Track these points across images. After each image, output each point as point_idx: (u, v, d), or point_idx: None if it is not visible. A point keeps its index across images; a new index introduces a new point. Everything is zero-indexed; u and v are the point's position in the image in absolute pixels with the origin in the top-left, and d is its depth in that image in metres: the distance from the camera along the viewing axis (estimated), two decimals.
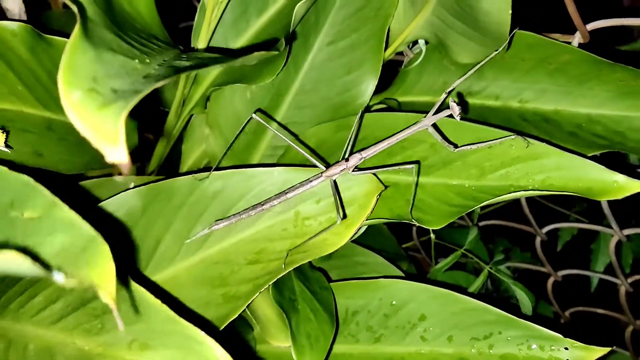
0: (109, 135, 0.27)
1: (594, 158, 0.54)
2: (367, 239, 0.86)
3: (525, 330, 0.51)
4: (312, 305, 0.52)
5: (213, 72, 0.60)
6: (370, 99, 0.72)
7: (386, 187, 0.53)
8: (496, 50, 0.55)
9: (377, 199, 0.51)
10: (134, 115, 0.66)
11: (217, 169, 0.53)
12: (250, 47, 0.59)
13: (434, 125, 0.54)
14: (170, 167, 0.73)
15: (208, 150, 0.66)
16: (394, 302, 0.57)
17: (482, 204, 0.48)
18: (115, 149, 0.27)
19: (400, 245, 0.93)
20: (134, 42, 0.36)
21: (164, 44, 0.44)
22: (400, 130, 0.54)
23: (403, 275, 0.73)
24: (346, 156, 0.55)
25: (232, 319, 0.47)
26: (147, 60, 0.33)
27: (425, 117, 0.54)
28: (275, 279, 0.48)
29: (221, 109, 0.65)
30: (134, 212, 0.49)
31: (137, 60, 0.32)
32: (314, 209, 0.52)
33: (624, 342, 0.90)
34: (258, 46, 0.58)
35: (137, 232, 0.49)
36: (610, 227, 0.75)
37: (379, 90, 0.72)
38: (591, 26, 0.59)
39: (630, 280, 0.82)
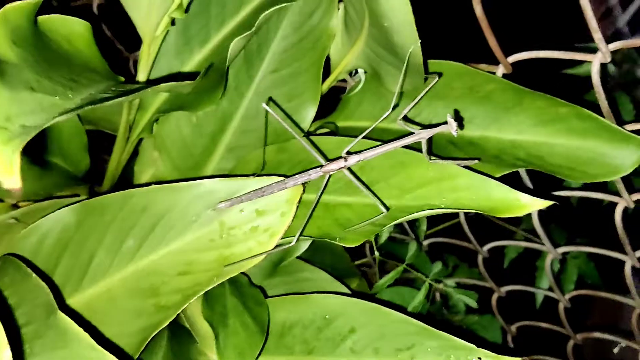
0: (5, 167, 0.30)
1: (506, 177, 0.58)
2: (319, 257, 0.90)
3: (443, 341, 0.55)
4: (243, 320, 0.56)
5: (157, 100, 0.64)
6: (315, 123, 0.76)
7: (304, 190, 0.56)
8: (435, 80, 0.60)
9: (298, 206, 0.55)
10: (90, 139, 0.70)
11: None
12: (191, 75, 0.63)
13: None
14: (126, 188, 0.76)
15: (157, 174, 0.70)
16: (326, 316, 0.61)
17: (396, 222, 0.52)
18: (10, 178, 0.30)
19: (355, 261, 0.97)
20: (62, 78, 0.40)
21: (100, 77, 0.48)
22: (398, 139, 0.57)
23: (348, 291, 0.76)
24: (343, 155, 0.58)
25: (162, 327, 0.50)
26: (70, 95, 0.36)
27: (422, 129, 0.57)
28: (205, 291, 0.52)
29: (168, 134, 0.68)
30: (69, 228, 0.53)
31: (57, 97, 0.36)
32: (238, 218, 0.55)
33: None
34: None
35: (72, 247, 0.53)
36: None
37: (325, 114, 0.76)
38: (512, 58, 0.64)
39: (569, 295, 0.86)
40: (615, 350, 0.87)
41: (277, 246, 0.54)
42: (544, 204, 0.50)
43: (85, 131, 0.68)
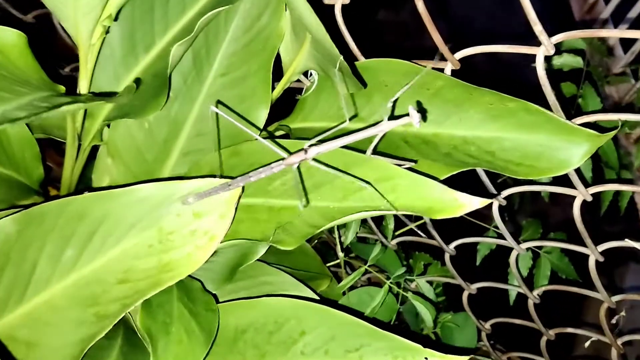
0: None
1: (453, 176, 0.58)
2: (289, 259, 0.90)
3: (390, 342, 0.54)
4: (189, 327, 0.55)
5: (105, 108, 0.64)
6: (273, 125, 0.76)
7: (242, 190, 0.56)
8: (407, 85, 0.59)
9: (237, 207, 0.54)
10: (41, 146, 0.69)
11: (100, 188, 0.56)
12: (136, 81, 0.62)
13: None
14: None
15: (112, 181, 0.69)
16: (278, 320, 0.60)
17: (333, 224, 0.52)
18: None
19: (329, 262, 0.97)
20: None
21: (32, 89, 0.48)
22: (359, 130, 0.56)
23: (312, 293, 0.75)
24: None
25: (100, 336, 0.50)
26: None
27: (383, 121, 0.56)
28: (144, 299, 0.51)
29: (121, 140, 0.68)
30: (10, 238, 0.53)
31: None
32: (176, 223, 0.54)
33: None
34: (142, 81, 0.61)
35: (15, 257, 0.52)
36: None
37: (283, 116, 0.76)
38: (459, 55, 0.63)
39: (537, 292, 0.85)
40: (586, 344, 0.87)
41: None
42: (481, 202, 0.50)
43: (37, 140, 0.67)
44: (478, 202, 0.50)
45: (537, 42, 0.57)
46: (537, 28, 0.55)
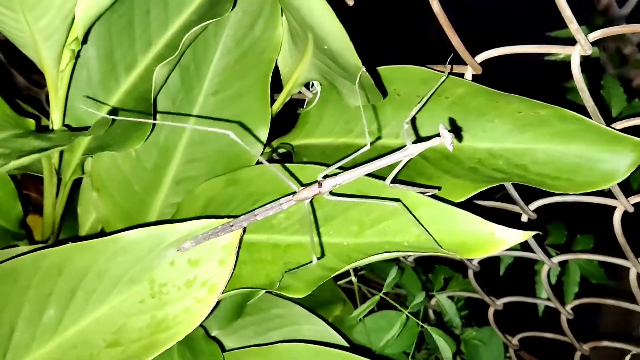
0: None
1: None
2: None
3: None
4: None
5: (85, 141, 0.57)
6: (274, 142, 0.69)
7: (244, 231, 0.49)
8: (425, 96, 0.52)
9: (238, 251, 0.48)
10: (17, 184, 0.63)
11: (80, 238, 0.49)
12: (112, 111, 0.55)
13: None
14: (73, 233, 0.69)
15: (99, 216, 0.62)
16: None
17: (352, 265, 0.45)
18: None
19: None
20: None
21: None
22: (382, 156, 0.49)
23: (325, 326, 0.69)
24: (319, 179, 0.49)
25: None
26: None
27: (411, 144, 0.49)
28: None
29: (106, 172, 0.61)
30: None
31: None
32: (170, 273, 0.47)
33: None
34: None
35: None
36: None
37: (283, 132, 0.69)
38: (480, 57, 0.56)
39: (570, 306, 0.78)
40: (627, 359, 0.80)
41: None
42: (523, 236, 0.42)
43: (13, 177, 0.61)
44: (519, 236, 0.42)
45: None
46: (573, 26, 0.48)
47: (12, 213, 0.62)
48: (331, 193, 0.49)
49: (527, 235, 0.42)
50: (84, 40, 0.50)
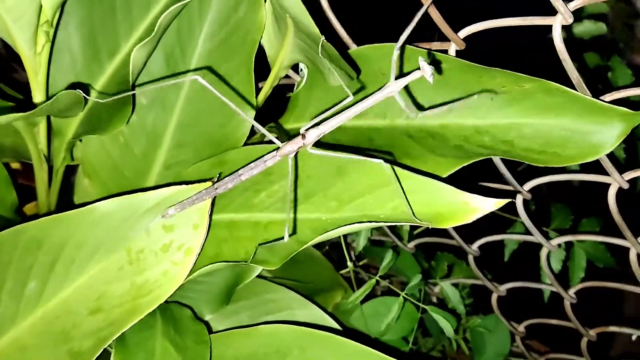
0: None
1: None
2: (300, 269, 0.83)
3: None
4: None
5: (72, 125, 0.57)
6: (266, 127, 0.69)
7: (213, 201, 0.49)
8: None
9: (211, 214, 0.48)
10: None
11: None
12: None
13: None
14: None
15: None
16: (280, 349, 0.53)
17: (325, 237, 0.44)
18: None
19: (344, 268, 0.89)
20: None
21: None
22: (364, 98, 0.48)
23: (319, 311, 0.68)
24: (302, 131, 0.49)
25: None
26: None
27: (391, 81, 0.47)
28: (122, 330, 0.45)
29: (96, 158, 0.62)
30: None
31: None
32: (145, 240, 0.48)
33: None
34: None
35: None
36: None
37: (277, 117, 0.69)
38: (463, 33, 0.55)
39: (573, 290, 0.77)
40: (633, 337, 0.78)
41: None
42: (497, 204, 0.42)
43: (7, 164, 0.62)
44: (492, 204, 0.42)
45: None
46: None
47: (6, 200, 0.63)
48: (315, 147, 0.48)
49: (500, 203, 0.42)
50: (65, 26, 0.51)
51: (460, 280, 0.88)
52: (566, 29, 0.81)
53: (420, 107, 0.58)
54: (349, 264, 0.75)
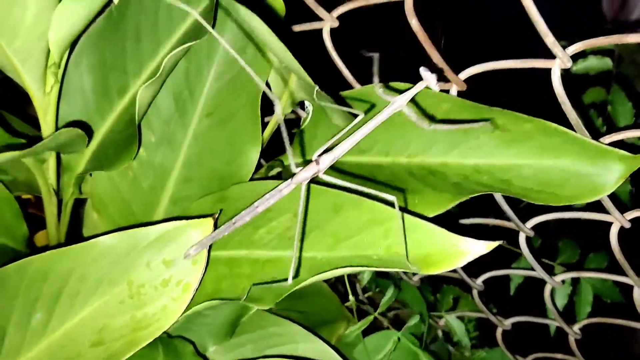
0: None
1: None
2: (305, 302, 0.83)
3: None
4: None
5: (81, 161, 0.59)
6: (272, 162, 0.71)
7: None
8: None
9: (209, 251, 0.49)
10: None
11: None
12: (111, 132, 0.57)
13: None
14: None
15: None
16: None
17: (319, 278, 0.45)
18: None
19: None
20: None
21: None
22: (373, 118, 0.49)
23: (324, 345, 0.69)
24: (315, 158, 0.50)
25: None
26: None
27: (396, 98, 0.48)
28: None
29: (105, 192, 0.63)
30: None
31: None
32: (147, 274, 0.49)
33: None
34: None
35: None
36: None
37: (282, 152, 0.70)
38: (464, 74, 0.57)
39: (577, 326, 0.77)
40: None
41: None
42: (488, 247, 0.42)
43: (19, 198, 0.63)
44: (483, 247, 0.42)
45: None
46: (549, 39, 0.48)
47: (18, 233, 0.64)
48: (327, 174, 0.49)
49: (491, 246, 0.42)
50: (78, 65, 0.53)
51: (465, 314, 0.88)
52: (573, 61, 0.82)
53: (423, 148, 0.59)
54: (351, 298, 0.75)
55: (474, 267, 0.83)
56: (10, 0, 0.42)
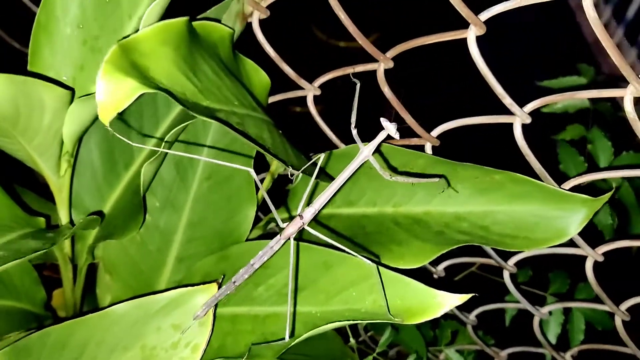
0: None
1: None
2: (308, 345, 0.87)
3: None
4: None
5: (92, 233, 0.65)
6: (268, 216, 0.76)
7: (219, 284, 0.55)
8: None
9: (215, 312, 0.54)
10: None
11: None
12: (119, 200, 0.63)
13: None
14: None
15: (114, 296, 0.70)
16: None
17: (314, 332, 0.50)
18: None
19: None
20: None
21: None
22: (345, 169, 0.55)
23: None
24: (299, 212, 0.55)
25: None
26: None
27: (362, 148, 0.54)
28: None
29: (116, 256, 0.68)
30: None
31: None
32: (157, 338, 0.54)
33: None
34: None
35: None
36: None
37: (280, 204, 0.75)
38: (436, 132, 0.62)
39: (570, 353, 0.80)
40: None
41: None
42: (461, 299, 0.47)
43: (36, 265, 0.69)
44: (457, 300, 0.47)
45: None
46: (507, 101, 0.54)
47: (36, 298, 0.69)
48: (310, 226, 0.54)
49: (464, 298, 0.47)
50: (87, 144, 0.59)
51: (464, 347, 0.91)
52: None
53: (408, 197, 0.64)
54: (352, 340, 0.80)
55: (469, 301, 0.88)
56: (30, 108, 0.48)
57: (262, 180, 0.75)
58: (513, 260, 0.70)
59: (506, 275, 0.72)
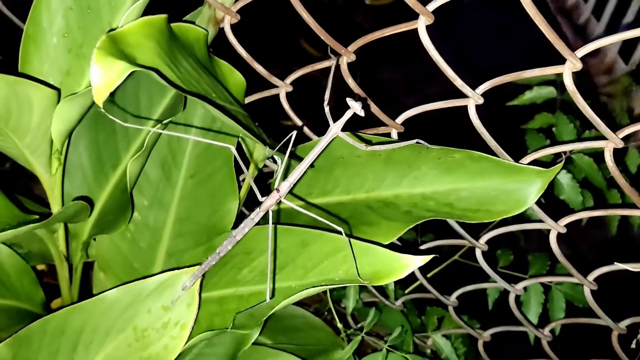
0: None
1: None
2: (300, 336, 0.91)
3: None
4: None
5: (85, 229, 0.69)
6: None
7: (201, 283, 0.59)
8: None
9: (200, 293, 0.58)
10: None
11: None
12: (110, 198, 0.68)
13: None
14: None
15: None
16: None
17: (290, 301, 0.54)
18: None
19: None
20: None
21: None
22: (316, 145, 0.59)
23: None
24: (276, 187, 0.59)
25: None
26: None
27: (332, 125, 0.58)
28: None
29: (108, 253, 0.73)
30: None
31: None
32: (148, 319, 0.58)
33: None
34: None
35: None
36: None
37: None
38: (400, 119, 0.66)
39: (547, 329, 0.84)
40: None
41: None
42: (423, 260, 0.51)
43: (34, 268, 0.73)
44: (420, 260, 0.51)
45: None
46: (458, 83, 0.58)
47: (36, 298, 0.73)
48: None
49: (426, 259, 0.51)
50: (77, 147, 0.64)
51: (450, 331, 0.95)
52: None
53: (378, 182, 0.69)
54: (339, 325, 0.83)
55: (449, 285, 0.91)
56: (20, 107, 0.52)
57: (244, 180, 0.79)
58: (484, 239, 0.74)
59: (479, 253, 0.76)
